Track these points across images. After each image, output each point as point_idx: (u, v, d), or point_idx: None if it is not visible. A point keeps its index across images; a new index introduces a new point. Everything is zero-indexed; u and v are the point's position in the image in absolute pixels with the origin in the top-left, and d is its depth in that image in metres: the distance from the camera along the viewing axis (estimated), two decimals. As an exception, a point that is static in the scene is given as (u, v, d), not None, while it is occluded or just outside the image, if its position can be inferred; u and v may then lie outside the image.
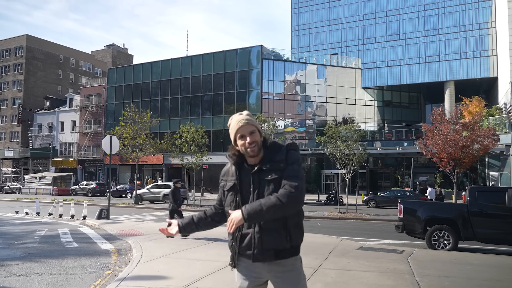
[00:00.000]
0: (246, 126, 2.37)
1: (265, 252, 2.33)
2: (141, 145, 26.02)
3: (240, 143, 2.38)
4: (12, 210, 19.12)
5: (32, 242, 9.72)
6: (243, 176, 2.40)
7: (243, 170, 2.42)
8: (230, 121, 2.46)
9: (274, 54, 44.26)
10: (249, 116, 2.42)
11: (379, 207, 25.13)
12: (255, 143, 2.35)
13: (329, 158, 23.28)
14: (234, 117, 2.45)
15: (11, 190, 42.61)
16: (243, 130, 2.37)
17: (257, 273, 2.43)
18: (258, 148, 2.37)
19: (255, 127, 2.39)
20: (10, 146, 58.85)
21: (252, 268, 2.42)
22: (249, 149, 2.35)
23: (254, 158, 2.39)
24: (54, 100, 57.47)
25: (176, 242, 9.37)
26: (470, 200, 9.68)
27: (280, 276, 2.40)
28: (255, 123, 2.41)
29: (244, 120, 2.38)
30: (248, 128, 2.37)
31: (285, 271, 2.39)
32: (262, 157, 2.39)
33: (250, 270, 2.44)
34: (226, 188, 2.48)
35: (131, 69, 50.17)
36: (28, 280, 6.03)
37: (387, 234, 12.64)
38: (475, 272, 6.84)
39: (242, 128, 2.37)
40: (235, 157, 2.44)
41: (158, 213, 19.73)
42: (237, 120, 2.41)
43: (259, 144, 2.38)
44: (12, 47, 61.57)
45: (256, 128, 2.39)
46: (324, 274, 6.31)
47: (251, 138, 2.35)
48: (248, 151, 2.35)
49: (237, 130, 2.39)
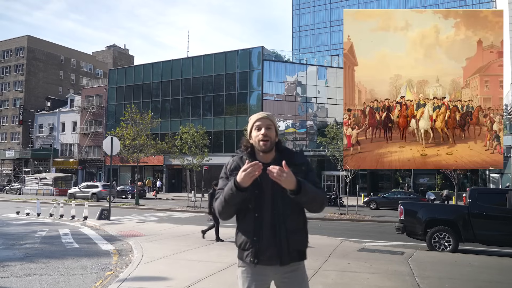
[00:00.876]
0: (265, 119, 2.42)
1: (290, 254, 2.35)
2: (142, 146, 26.05)
3: (255, 134, 2.41)
4: (13, 210, 19.14)
5: (33, 242, 9.74)
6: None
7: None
8: (251, 117, 2.52)
9: (275, 55, 44.30)
10: (269, 114, 2.49)
11: (380, 208, 25.13)
12: (268, 137, 2.37)
13: (329, 159, 23.31)
14: (256, 113, 2.53)
15: (12, 191, 42.65)
16: (261, 121, 2.41)
17: (264, 275, 2.41)
18: (270, 144, 2.38)
19: (273, 124, 2.44)
20: (11, 146, 58.91)
21: (260, 271, 2.39)
22: (262, 142, 2.36)
23: (265, 156, 2.40)
24: (55, 101, 57.54)
25: (176, 243, 9.39)
26: (471, 201, 9.68)
27: (288, 276, 2.41)
28: (274, 122, 2.46)
29: (265, 114, 2.46)
30: (266, 121, 2.41)
31: (293, 271, 2.41)
32: (274, 157, 2.41)
33: (257, 273, 2.40)
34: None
35: (132, 70, 50.23)
36: (29, 280, 6.05)
37: (388, 235, 12.64)
38: (475, 274, 6.84)
39: (261, 120, 2.42)
40: (247, 149, 2.44)
41: (158, 214, 19.75)
42: (258, 114, 2.48)
43: (272, 140, 2.39)
44: (13, 47, 61.67)
45: (273, 125, 2.43)
46: (324, 276, 6.32)
47: (266, 131, 2.37)
48: (261, 144, 2.36)
49: (256, 121, 2.43)
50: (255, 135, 2.40)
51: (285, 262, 2.33)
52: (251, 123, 2.46)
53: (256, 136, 2.39)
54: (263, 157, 2.40)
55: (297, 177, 2.21)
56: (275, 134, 2.43)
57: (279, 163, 2.22)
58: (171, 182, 45.60)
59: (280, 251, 2.31)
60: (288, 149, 2.50)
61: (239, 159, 2.45)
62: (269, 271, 2.39)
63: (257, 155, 2.42)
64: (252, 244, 2.34)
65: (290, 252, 2.33)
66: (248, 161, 2.28)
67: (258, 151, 2.41)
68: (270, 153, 2.41)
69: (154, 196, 35.22)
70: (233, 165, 2.44)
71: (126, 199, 31.80)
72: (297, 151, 2.54)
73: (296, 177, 2.20)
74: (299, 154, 2.48)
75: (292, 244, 2.34)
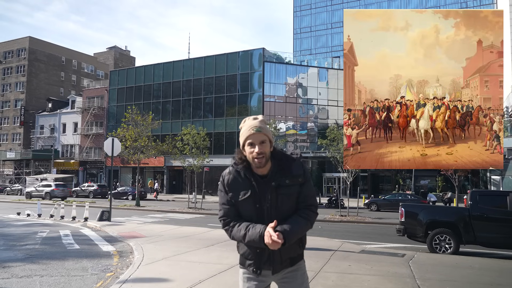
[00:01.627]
0: (257, 134, 2.25)
1: (283, 262, 2.37)
2: (143, 147, 26.07)
3: (249, 150, 2.27)
4: (13, 211, 19.15)
5: (33, 243, 9.74)
6: (257, 184, 2.31)
7: (256, 179, 2.32)
8: (243, 124, 2.34)
9: (276, 57, 44.35)
10: (262, 124, 2.29)
11: (381, 210, 25.11)
12: (263, 154, 2.24)
13: (330, 161, 23.29)
14: (248, 121, 2.33)
15: (13, 192, 42.71)
16: (253, 138, 2.25)
17: (264, 276, 2.42)
18: (265, 159, 2.26)
19: (266, 136, 2.27)
20: (12, 147, 59.01)
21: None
22: (257, 159, 2.24)
23: (262, 169, 2.30)
24: (56, 102, 57.66)
25: (177, 244, 9.38)
26: (472, 204, 9.66)
27: (288, 276, 2.42)
28: (268, 132, 2.29)
29: (256, 128, 2.25)
30: (260, 137, 2.25)
31: (293, 271, 2.43)
32: (271, 169, 2.31)
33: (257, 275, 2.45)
34: (241, 198, 2.32)
35: (133, 71, 50.32)
36: (29, 281, 6.04)
37: (389, 237, 12.62)
38: (476, 276, 6.82)
39: (253, 136, 2.25)
40: (243, 163, 2.33)
41: (159, 215, 19.74)
42: (249, 126, 2.28)
43: (267, 155, 2.26)
44: (15, 48, 61.85)
45: (267, 138, 2.27)
46: (325, 278, 6.31)
47: (260, 148, 2.23)
48: (255, 162, 2.25)
49: (247, 137, 2.27)
50: (249, 152, 2.26)
51: (277, 270, 2.37)
52: (243, 139, 2.30)
53: (250, 153, 2.26)
54: (259, 170, 2.31)
55: (280, 231, 2.18)
56: (270, 145, 2.29)
57: (276, 175, 2.28)
58: (172, 184, 45.63)
59: (273, 261, 2.34)
60: (285, 157, 2.34)
61: (236, 172, 2.34)
62: (269, 273, 2.41)
63: (253, 168, 2.32)
64: (255, 256, 2.36)
65: (282, 261, 2.36)
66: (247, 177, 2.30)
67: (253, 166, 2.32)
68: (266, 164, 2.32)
69: (155, 197, 35.25)
70: (230, 179, 2.35)
71: (126, 200, 31.81)
72: (295, 158, 2.35)
73: (283, 231, 2.19)
74: (297, 164, 2.32)
75: (284, 254, 2.35)
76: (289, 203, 2.32)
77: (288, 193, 2.30)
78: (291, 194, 2.31)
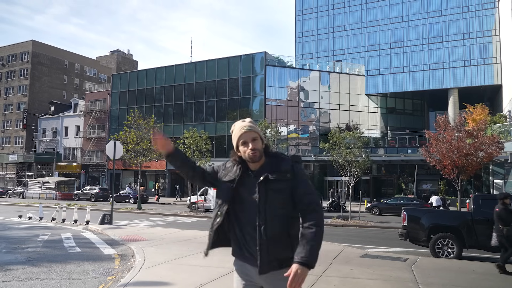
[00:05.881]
0: (248, 132, 2.42)
1: (270, 263, 2.34)
2: (145, 151, 26.09)
3: (243, 149, 2.43)
4: (15, 214, 19.17)
5: (35, 246, 9.74)
6: (245, 180, 2.43)
7: (246, 175, 2.44)
8: (233, 127, 2.51)
9: (277, 61, 44.43)
10: (251, 123, 2.46)
11: (383, 214, 25.01)
12: (257, 150, 2.39)
13: (332, 164, 23.24)
14: (237, 123, 2.50)
15: (15, 195, 42.76)
16: (245, 136, 2.42)
17: (251, 276, 2.48)
18: (259, 154, 2.41)
19: (257, 134, 2.44)
20: (14, 150, 59.16)
21: (248, 272, 2.50)
22: (251, 153, 2.38)
23: (255, 164, 2.43)
24: (58, 105, 57.83)
25: (178, 248, 9.36)
26: (474, 208, 9.63)
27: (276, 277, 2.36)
28: (258, 130, 2.46)
29: (247, 127, 2.43)
30: (251, 134, 2.42)
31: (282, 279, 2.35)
32: (263, 164, 2.43)
33: (246, 274, 2.53)
34: (224, 179, 2.49)
35: (135, 74, 50.46)
36: (31, 284, 6.04)
37: (391, 241, 12.57)
38: (479, 281, 6.78)
39: (245, 135, 2.42)
40: (237, 163, 2.49)
41: (160, 218, 19.72)
42: (240, 126, 2.46)
43: (260, 150, 2.42)
44: (18, 52, 62.15)
45: (258, 135, 2.44)
46: (327, 282, 6.28)
47: (253, 145, 2.39)
48: (250, 155, 2.39)
49: (240, 137, 2.43)
50: (243, 150, 2.42)
51: (264, 270, 2.34)
52: (236, 139, 2.46)
53: (244, 152, 2.42)
54: (253, 165, 2.44)
55: (301, 261, 2.17)
56: (261, 141, 2.45)
57: (267, 169, 2.38)
58: (174, 187, 45.60)
59: (260, 258, 2.33)
60: (277, 155, 2.48)
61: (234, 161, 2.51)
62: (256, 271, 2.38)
63: (248, 164, 2.46)
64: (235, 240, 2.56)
65: (269, 261, 2.33)
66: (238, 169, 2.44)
67: (248, 162, 2.44)
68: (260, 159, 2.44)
69: (157, 200, 35.25)
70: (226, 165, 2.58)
71: (128, 204, 31.80)
72: (286, 157, 2.47)
73: (301, 260, 2.17)
74: (286, 160, 2.43)
75: (272, 253, 2.33)
76: (280, 199, 2.34)
77: (277, 188, 2.34)
78: (280, 189, 2.34)
